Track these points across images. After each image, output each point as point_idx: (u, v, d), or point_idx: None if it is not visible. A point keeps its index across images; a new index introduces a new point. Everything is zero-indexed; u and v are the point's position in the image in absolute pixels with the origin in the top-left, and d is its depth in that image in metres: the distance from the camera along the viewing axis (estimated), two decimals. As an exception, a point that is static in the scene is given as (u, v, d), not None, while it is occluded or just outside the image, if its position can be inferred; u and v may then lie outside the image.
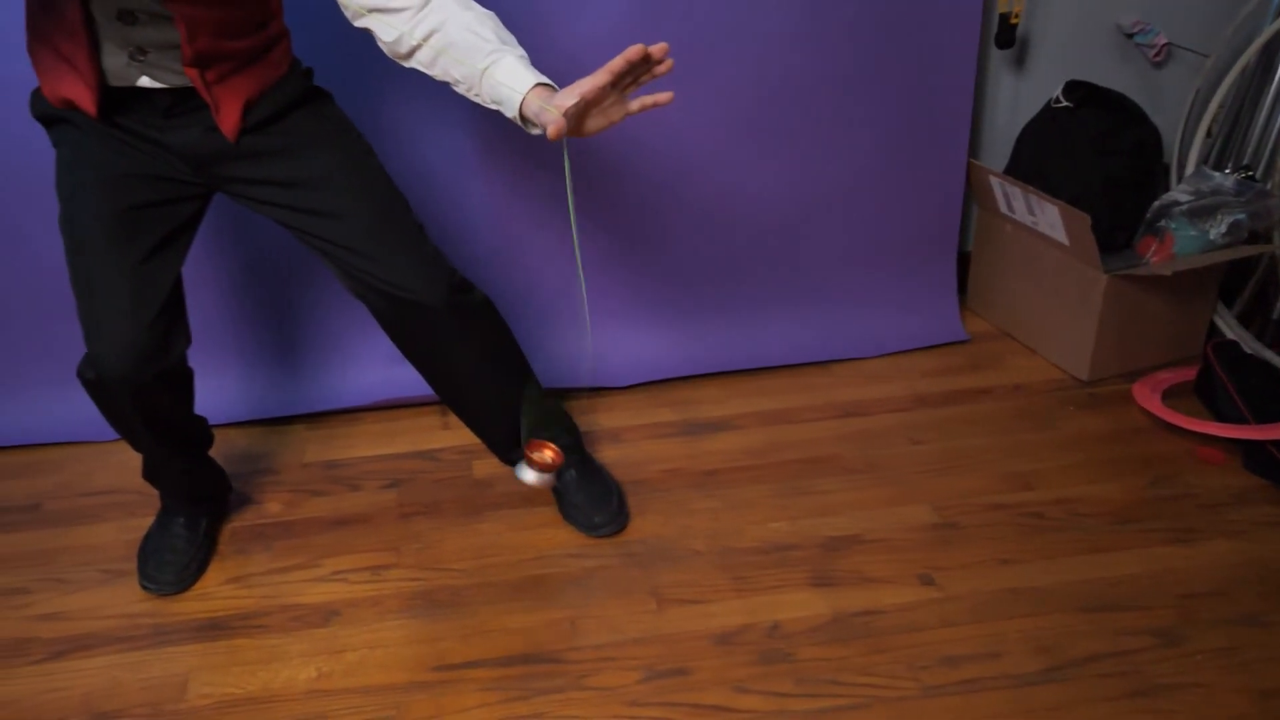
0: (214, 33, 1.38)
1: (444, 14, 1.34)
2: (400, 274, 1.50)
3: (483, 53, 1.32)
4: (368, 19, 1.37)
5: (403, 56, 1.38)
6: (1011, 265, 2.32)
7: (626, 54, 1.24)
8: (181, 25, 1.35)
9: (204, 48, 1.38)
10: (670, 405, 2.16)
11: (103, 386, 1.52)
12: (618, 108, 1.31)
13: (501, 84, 1.30)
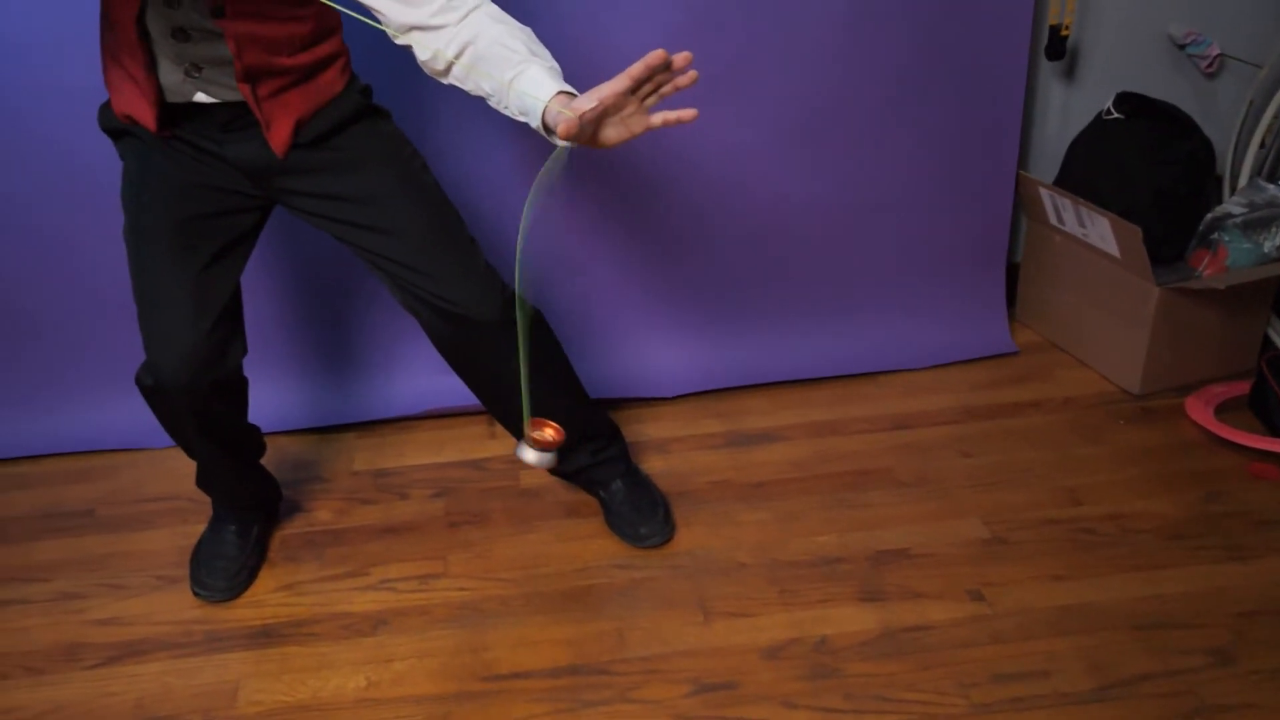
0: (264, 49, 1.40)
1: (476, 29, 1.34)
2: (452, 289, 1.52)
3: (511, 64, 1.30)
4: (408, 36, 1.37)
5: (440, 73, 1.39)
6: (1061, 277, 2.30)
7: (647, 59, 1.20)
8: (231, 42, 1.37)
9: (254, 63, 1.40)
10: (717, 416, 2.16)
11: (160, 393, 1.56)
12: (638, 119, 1.26)
13: (525, 93, 1.28)
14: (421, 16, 1.34)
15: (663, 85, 1.24)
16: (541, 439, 1.42)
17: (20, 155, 1.92)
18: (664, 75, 1.22)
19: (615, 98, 1.21)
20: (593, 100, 1.21)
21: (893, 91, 2.11)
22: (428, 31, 1.35)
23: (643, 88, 1.23)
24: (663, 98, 1.25)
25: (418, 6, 1.33)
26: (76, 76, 1.84)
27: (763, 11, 1.99)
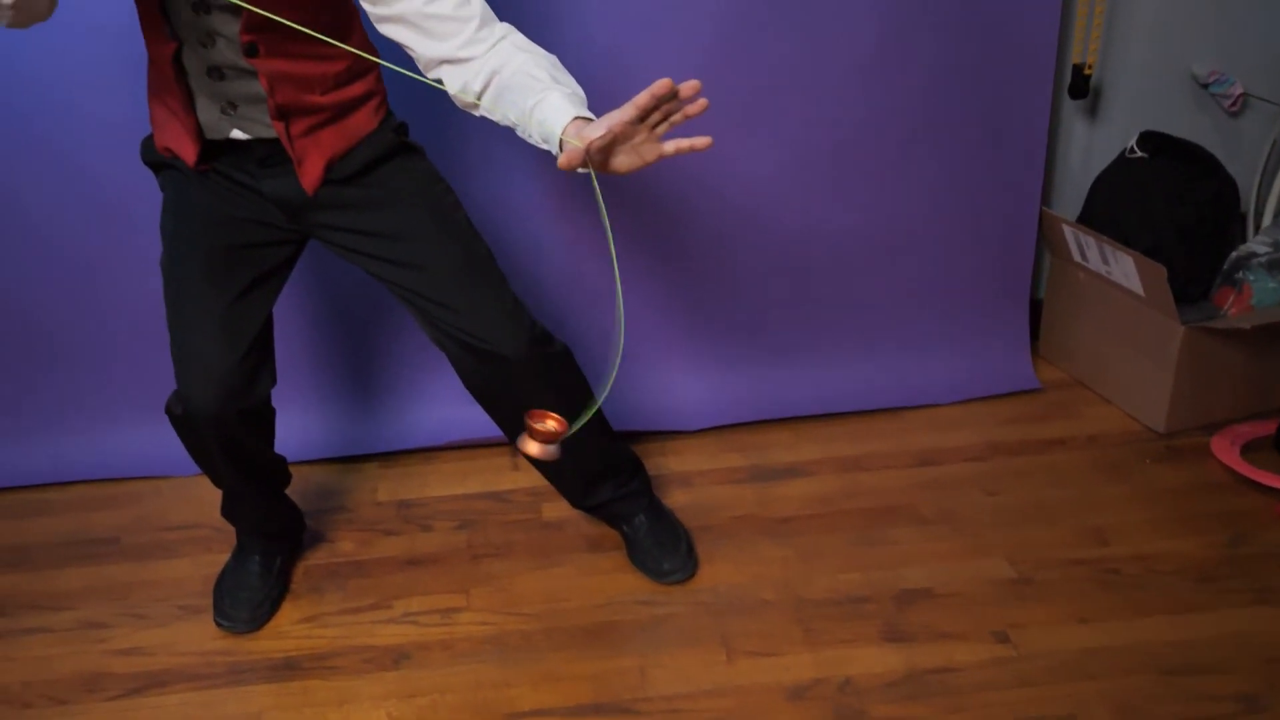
0: (296, 87, 1.42)
1: (502, 59, 1.35)
2: (481, 325, 1.53)
3: (533, 92, 1.31)
4: (438, 70, 1.39)
5: (471, 105, 1.40)
6: (1085, 314, 2.29)
7: (653, 88, 1.19)
8: (264, 80, 1.39)
9: (286, 101, 1.42)
10: (740, 450, 2.16)
11: (189, 422, 1.57)
12: (650, 147, 1.25)
13: (544, 121, 1.28)
14: (449, 50, 1.36)
15: (672, 114, 1.23)
16: (544, 430, 1.36)
17: (53, 183, 1.95)
18: (673, 104, 1.22)
19: (623, 126, 1.21)
20: (601, 128, 1.21)
21: (917, 126, 2.12)
22: (456, 65, 1.37)
23: (652, 116, 1.22)
24: (673, 126, 1.25)
25: (445, 40, 1.35)
26: (108, 108, 1.88)
27: (788, 42, 2.00)
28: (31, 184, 1.95)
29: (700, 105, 1.22)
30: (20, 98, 1.88)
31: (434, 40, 1.36)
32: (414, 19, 1.35)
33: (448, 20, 1.35)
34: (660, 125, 1.24)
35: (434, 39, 1.36)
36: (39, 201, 1.96)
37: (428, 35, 1.36)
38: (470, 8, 1.36)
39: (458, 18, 1.35)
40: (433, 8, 1.34)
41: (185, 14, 1.36)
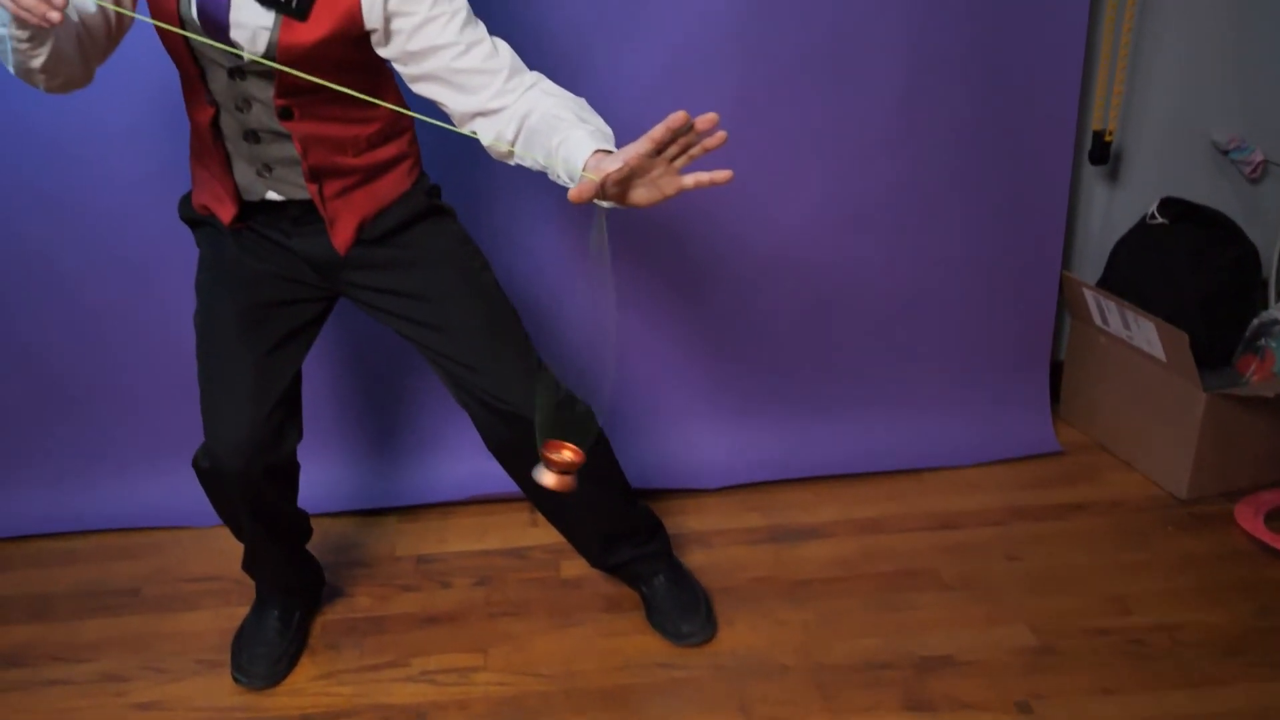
0: (329, 149, 1.45)
1: (530, 104, 1.36)
2: (504, 387, 1.54)
3: (558, 131, 1.31)
4: (472, 124, 1.41)
5: (505, 155, 1.41)
6: (1106, 377, 2.29)
7: (668, 121, 1.17)
8: (297, 142, 1.43)
9: (319, 163, 1.45)
10: (759, 510, 2.16)
11: (215, 476, 1.58)
12: (669, 180, 1.23)
13: (568, 158, 1.28)
14: (481, 102, 1.37)
15: (691, 147, 1.22)
16: (560, 460, 1.33)
17: (83, 238, 1.98)
18: (691, 137, 1.21)
19: (639, 159, 1.20)
20: (618, 161, 1.21)
21: (939, 188, 2.14)
22: (489, 116, 1.38)
23: (669, 149, 1.21)
24: (692, 159, 1.23)
25: (476, 93, 1.37)
26: (138, 166, 1.93)
27: (813, 103, 2.03)
28: (62, 238, 1.98)
29: (719, 138, 1.21)
30: (54, 153, 1.92)
31: (466, 94, 1.38)
32: (445, 75, 1.37)
33: (477, 73, 1.37)
34: (679, 159, 1.23)
35: (466, 93, 1.38)
36: (69, 255, 2.00)
37: (459, 90, 1.38)
38: (498, 59, 1.38)
39: (487, 70, 1.37)
40: (462, 62, 1.36)
41: (222, 80, 1.40)
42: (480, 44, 1.37)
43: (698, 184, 1.22)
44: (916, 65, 2.04)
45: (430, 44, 1.36)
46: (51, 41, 1.26)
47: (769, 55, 1.98)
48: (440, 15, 1.35)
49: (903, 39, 2.02)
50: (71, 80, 1.36)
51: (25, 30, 1.22)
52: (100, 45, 1.39)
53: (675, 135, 1.18)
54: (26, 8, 1.12)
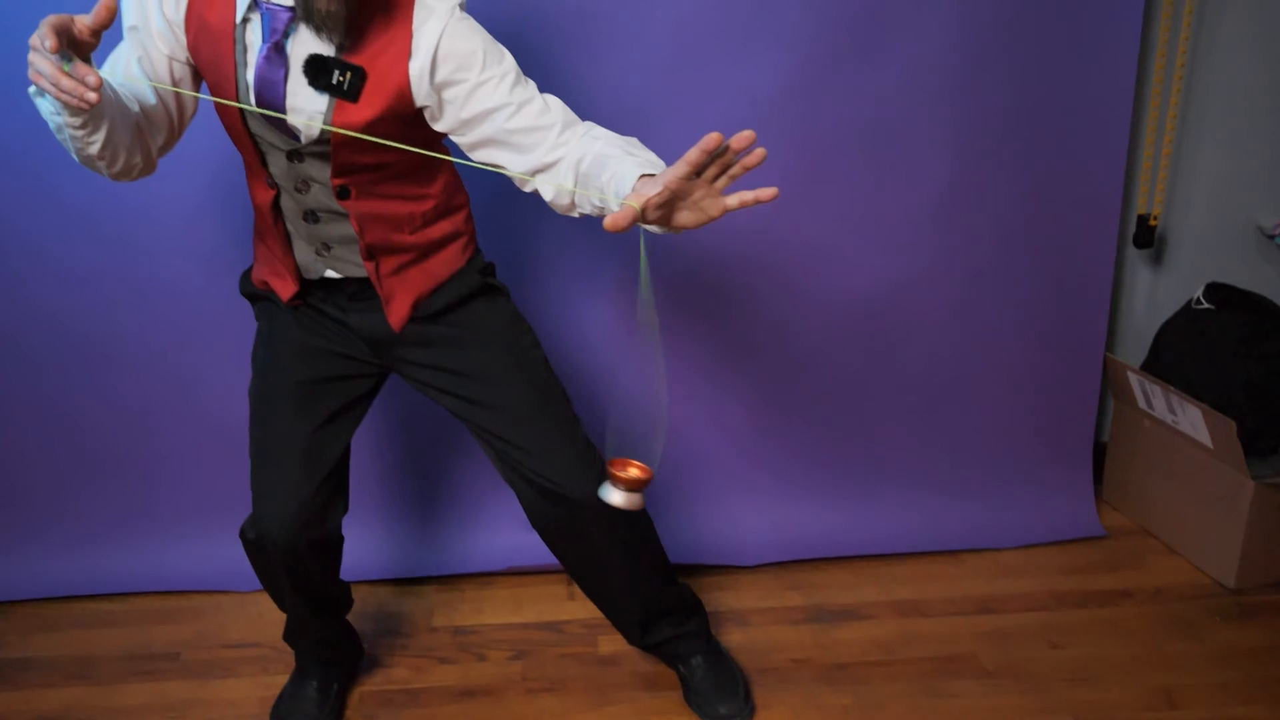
0: (386, 227, 1.49)
1: (583, 150, 1.37)
2: (552, 467, 1.55)
3: (607, 167, 1.32)
4: (533, 182, 1.43)
5: (568, 207, 1.42)
6: (1150, 461, 2.27)
7: (702, 143, 1.16)
8: (354, 221, 1.46)
9: (376, 240, 1.49)
10: (798, 588, 2.14)
11: (261, 547, 1.60)
12: (712, 202, 1.23)
13: (619, 191, 1.28)
14: (538, 158, 1.39)
15: (730, 166, 1.21)
16: (627, 478, 1.30)
17: (138, 305, 2.03)
18: (729, 156, 1.20)
19: (678, 182, 1.20)
20: (657, 185, 1.21)
21: (983, 268, 2.15)
22: (548, 170, 1.40)
23: (708, 170, 1.21)
24: (733, 179, 1.23)
25: (532, 150, 1.39)
26: (197, 240, 1.99)
27: (858, 182, 2.06)
28: (124, 305, 2.03)
29: (758, 155, 1.20)
30: (109, 223, 1.98)
31: (523, 153, 1.40)
32: (500, 137, 1.40)
33: (532, 131, 1.39)
34: (720, 179, 1.23)
35: (523, 152, 1.40)
36: (123, 322, 2.05)
37: (516, 150, 1.40)
38: (550, 114, 1.40)
39: (540, 126, 1.39)
40: (515, 122, 1.39)
41: (281, 163, 1.44)
42: (531, 102, 1.40)
43: (742, 203, 1.22)
44: (962, 147, 2.07)
45: (483, 108, 1.39)
46: (105, 128, 1.30)
47: (814, 135, 2.02)
48: (490, 79, 1.38)
49: (948, 121, 2.05)
50: (132, 167, 1.40)
51: (77, 117, 1.26)
52: (162, 134, 1.43)
53: (711, 157, 1.18)
54: (66, 90, 1.16)
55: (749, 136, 1.16)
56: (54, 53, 1.13)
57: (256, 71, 1.36)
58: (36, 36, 1.14)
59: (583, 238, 2.05)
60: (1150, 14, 2.10)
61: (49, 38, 1.12)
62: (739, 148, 1.18)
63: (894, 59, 1.99)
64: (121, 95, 1.36)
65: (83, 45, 1.18)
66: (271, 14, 1.34)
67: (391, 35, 1.37)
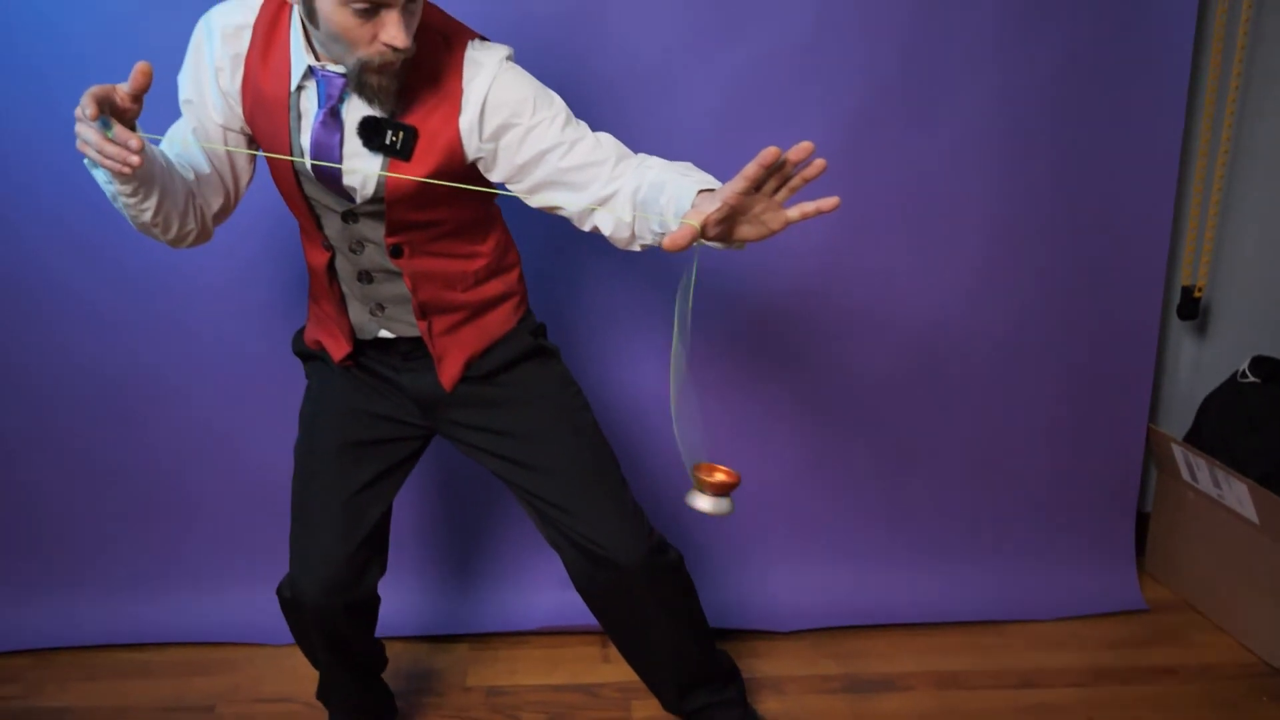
0: (439, 285, 1.51)
1: (638, 179, 1.37)
2: (600, 530, 1.55)
3: (665, 191, 1.32)
4: (592, 219, 1.42)
5: (629, 240, 1.41)
6: (1195, 534, 2.24)
7: (760, 158, 1.15)
8: (408, 279, 1.48)
9: (429, 298, 1.50)
10: (834, 656, 2.12)
11: (296, 607, 1.60)
12: (774, 215, 1.22)
13: (678, 212, 1.27)
14: (594, 193, 1.39)
15: (790, 179, 1.21)
16: (715, 483, 1.26)
17: (187, 357, 2.06)
18: (788, 169, 1.19)
19: (737, 198, 1.19)
20: (716, 201, 1.21)
21: (1026, 338, 2.15)
22: (605, 203, 1.39)
23: (768, 184, 1.20)
24: (794, 191, 1.22)
25: (588, 186, 1.39)
26: (249, 296, 2.02)
27: (901, 246, 2.07)
28: (166, 356, 2.06)
29: (818, 166, 1.19)
30: (167, 283, 2.02)
31: (579, 190, 1.40)
32: (556, 177, 1.40)
33: (586, 167, 1.39)
34: (780, 192, 1.22)
35: (578, 189, 1.40)
36: (172, 373, 2.07)
37: (573, 188, 1.40)
38: (603, 150, 1.40)
39: (594, 161, 1.39)
40: (569, 160, 1.39)
41: (336, 225, 1.46)
42: (584, 139, 1.40)
43: (803, 215, 1.21)
44: (1005, 215, 2.07)
45: (537, 150, 1.39)
46: (156, 195, 1.33)
47: (858, 201, 2.02)
48: (541, 121, 1.39)
49: (993, 188, 2.06)
50: (186, 234, 1.43)
51: (127, 185, 1.28)
52: (218, 201, 1.46)
53: (769, 171, 1.18)
54: (110, 155, 1.18)
55: (807, 148, 1.16)
56: (94, 119, 1.16)
57: (313, 136, 1.39)
58: (79, 108, 1.17)
59: (633, 296, 2.07)
60: (1195, 86, 2.11)
61: (89, 105, 1.16)
62: (797, 160, 1.17)
63: (941, 126, 2.01)
64: (175, 165, 1.39)
65: (125, 113, 1.21)
66: (327, 80, 1.37)
67: (442, 93, 1.39)
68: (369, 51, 1.29)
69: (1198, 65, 2.10)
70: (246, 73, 1.41)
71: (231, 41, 1.40)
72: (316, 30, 1.31)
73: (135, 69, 1.19)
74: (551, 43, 1.91)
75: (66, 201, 1.95)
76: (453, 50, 1.40)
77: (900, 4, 1.94)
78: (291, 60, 1.38)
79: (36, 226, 1.97)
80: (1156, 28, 2.00)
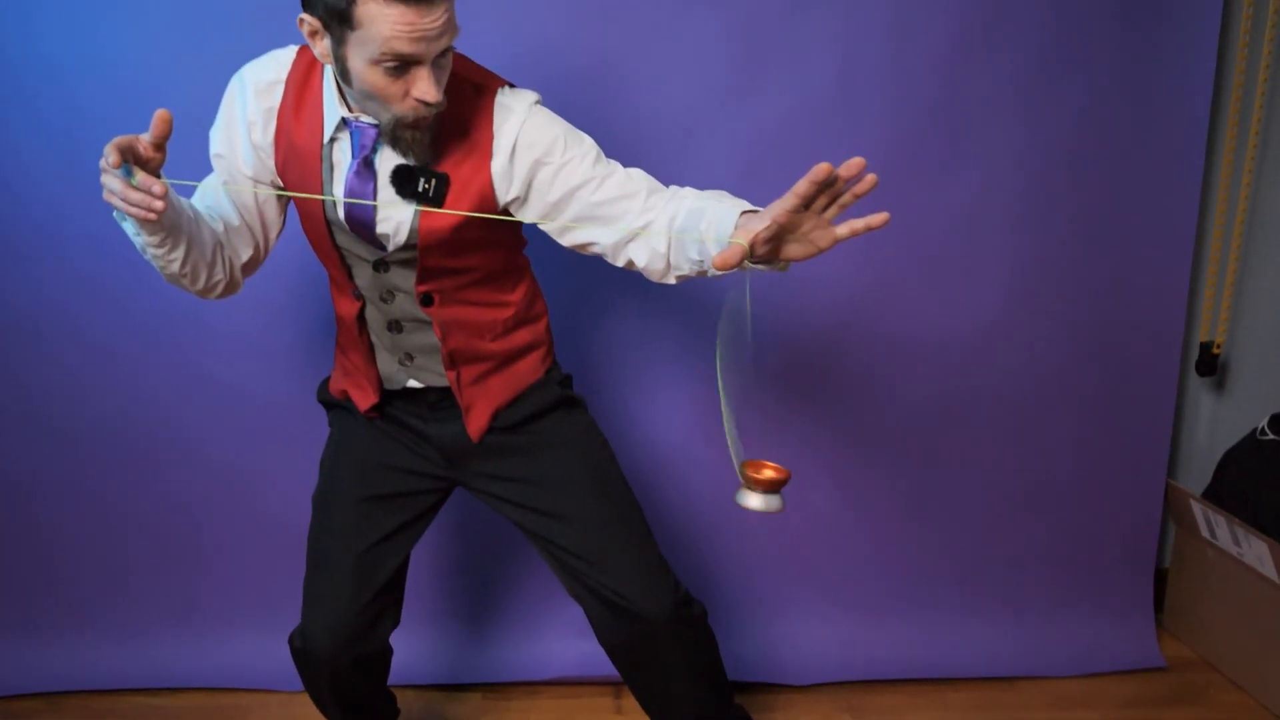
0: (468, 334, 1.51)
1: (673, 211, 1.37)
2: (625, 582, 1.53)
3: (704, 218, 1.31)
4: (625, 251, 1.41)
5: (664, 271, 1.40)
6: (1214, 592, 2.22)
7: (812, 175, 1.13)
8: (437, 328, 1.48)
9: (458, 347, 1.51)
10: (849, 710, 2.10)
11: (307, 657, 1.60)
12: (822, 233, 1.20)
13: (719, 237, 1.26)
14: (627, 224, 1.38)
15: (840, 195, 1.19)
16: (763, 479, 1.23)
17: (209, 403, 2.07)
18: (839, 186, 1.17)
19: (786, 216, 1.18)
20: (765, 220, 1.19)
21: (1044, 393, 2.15)
22: (638, 238, 1.38)
23: (817, 201, 1.18)
24: (843, 208, 1.20)
25: (620, 219, 1.39)
26: (272, 340, 2.03)
27: (924, 300, 2.08)
28: (184, 400, 2.07)
29: (869, 182, 1.17)
30: (186, 329, 2.03)
31: (611, 224, 1.39)
32: (588, 212, 1.40)
33: (618, 200, 1.39)
34: (829, 209, 1.20)
35: (611, 223, 1.39)
36: (190, 418, 2.08)
37: (604, 222, 1.39)
38: (634, 183, 1.40)
39: (625, 194, 1.39)
40: (600, 194, 1.39)
41: (367, 274, 1.47)
42: (614, 174, 1.41)
43: (853, 232, 1.19)
44: (1024, 269, 2.09)
45: (569, 187, 1.40)
46: (184, 245, 1.34)
47: (877, 254, 2.03)
48: (572, 159, 1.40)
49: (1012, 243, 2.07)
50: (215, 284, 1.44)
51: (155, 235, 1.29)
52: (246, 252, 1.47)
53: (821, 188, 1.16)
54: (135, 202, 1.20)
55: (859, 163, 1.14)
56: (116, 167, 1.18)
57: (347, 185, 1.40)
58: (103, 158, 1.19)
59: (658, 347, 2.08)
60: (1214, 143, 2.12)
61: (111, 154, 1.17)
62: (848, 176, 1.15)
63: (961, 180, 2.02)
64: (204, 216, 1.40)
65: (149, 161, 1.22)
66: (360, 131, 1.38)
67: (474, 140, 1.40)
68: (402, 107, 1.30)
69: (1216, 121, 2.11)
70: (279, 126, 1.42)
71: (264, 96, 1.42)
72: (350, 88, 1.32)
73: (155, 117, 1.20)
74: (571, 102, 1.91)
75: (86, 248, 1.97)
76: (483, 98, 1.41)
77: (921, 59, 1.96)
78: (325, 113, 1.40)
79: (57, 272, 1.99)
80: (1176, 83, 2.02)
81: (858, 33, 1.95)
